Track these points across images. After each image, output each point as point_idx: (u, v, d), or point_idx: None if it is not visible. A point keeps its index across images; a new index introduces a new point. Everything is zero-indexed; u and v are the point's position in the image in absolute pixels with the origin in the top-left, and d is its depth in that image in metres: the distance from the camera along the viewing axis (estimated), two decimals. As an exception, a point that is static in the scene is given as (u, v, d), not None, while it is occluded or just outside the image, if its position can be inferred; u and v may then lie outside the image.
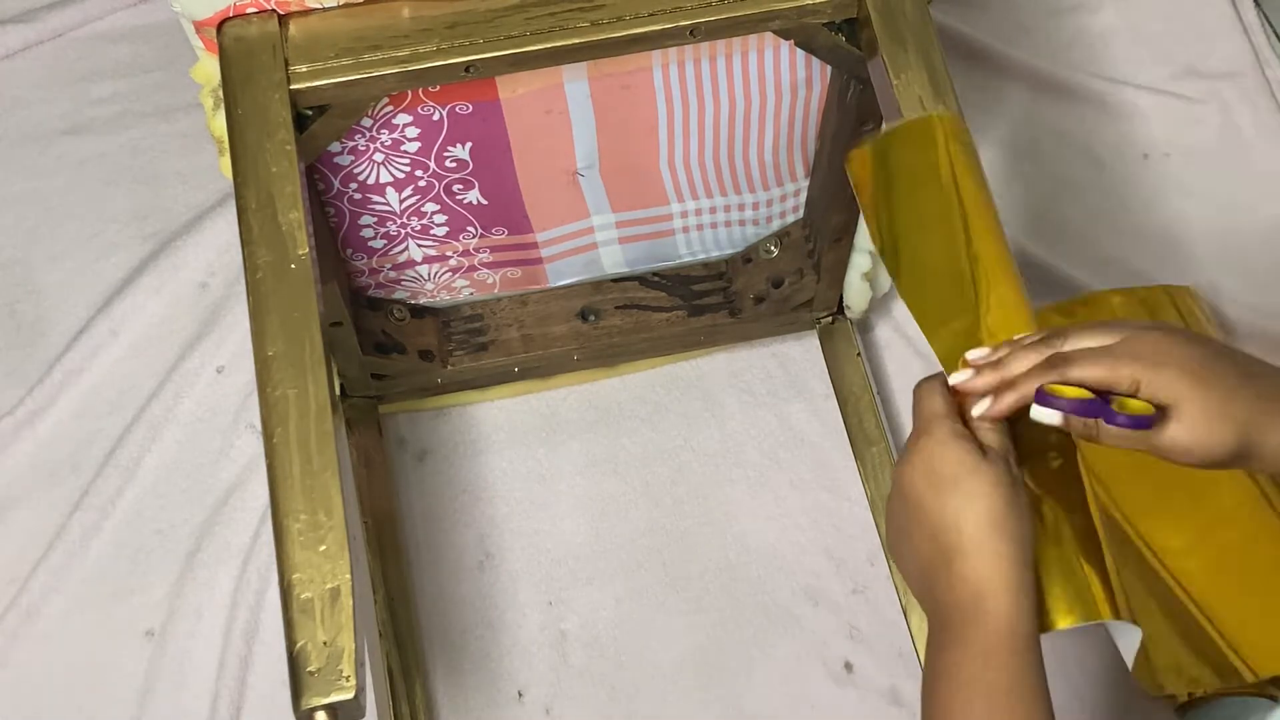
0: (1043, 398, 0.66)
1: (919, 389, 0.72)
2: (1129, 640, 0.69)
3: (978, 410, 0.69)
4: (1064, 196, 1.34)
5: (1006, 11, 1.44)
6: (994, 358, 0.70)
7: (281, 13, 0.82)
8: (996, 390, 0.69)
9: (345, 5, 0.82)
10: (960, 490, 0.66)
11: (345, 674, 0.67)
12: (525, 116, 0.95)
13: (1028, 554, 0.66)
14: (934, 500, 0.67)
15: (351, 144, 0.93)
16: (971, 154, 0.77)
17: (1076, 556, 0.68)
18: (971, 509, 0.66)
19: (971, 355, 0.71)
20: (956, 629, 0.66)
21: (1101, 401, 0.66)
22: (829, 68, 0.95)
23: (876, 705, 1.10)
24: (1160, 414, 0.65)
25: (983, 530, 0.65)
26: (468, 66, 0.82)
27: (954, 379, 0.70)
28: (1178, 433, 0.65)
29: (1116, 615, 0.67)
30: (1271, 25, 1.45)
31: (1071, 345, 0.68)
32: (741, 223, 1.13)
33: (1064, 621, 0.67)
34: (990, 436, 0.69)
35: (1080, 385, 0.66)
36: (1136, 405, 0.65)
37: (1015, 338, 0.71)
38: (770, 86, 0.97)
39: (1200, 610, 1.04)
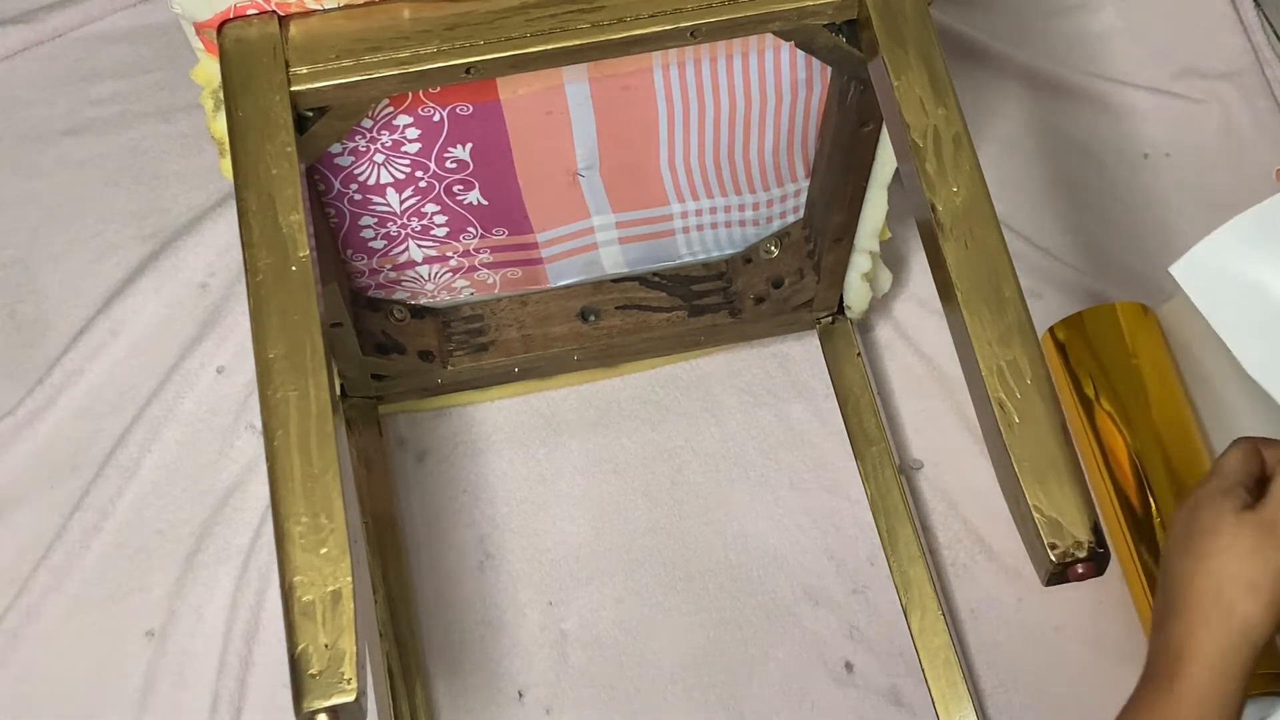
0: None
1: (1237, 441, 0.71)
2: None
3: None
4: (1064, 196, 1.34)
5: (1006, 11, 1.44)
6: None
7: (282, 14, 0.81)
8: None
9: (346, 6, 0.82)
10: (1192, 551, 0.65)
11: (347, 677, 0.67)
12: (525, 117, 0.95)
13: (1253, 634, 0.64)
14: (1175, 554, 0.66)
15: (352, 145, 0.93)
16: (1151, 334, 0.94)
17: None
18: (1200, 570, 0.64)
19: None
20: (1153, 685, 0.64)
21: None
22: (829, 69, 0.95)
23: (877, 705, 1.10)
24: None
25: (1200, 596, 0.63)
26: (468, 68, 0.82)
27: None
28: None
29: None
30: (1271, 25, 1.45)
31: None
32: (742, 223, 1.13)
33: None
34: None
35: None
36: None
37: None
38: (770, 87, 0.97)
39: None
